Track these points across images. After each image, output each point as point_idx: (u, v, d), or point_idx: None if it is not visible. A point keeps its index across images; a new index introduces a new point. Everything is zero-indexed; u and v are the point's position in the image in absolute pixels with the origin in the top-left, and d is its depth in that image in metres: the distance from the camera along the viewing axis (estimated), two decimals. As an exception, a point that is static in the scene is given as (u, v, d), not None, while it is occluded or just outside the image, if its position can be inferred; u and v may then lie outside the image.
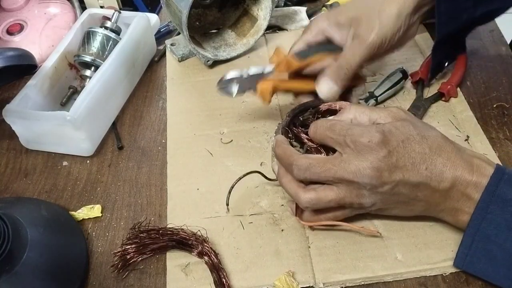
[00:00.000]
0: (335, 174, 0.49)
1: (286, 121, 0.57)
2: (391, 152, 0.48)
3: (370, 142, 0.48)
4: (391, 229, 0.56)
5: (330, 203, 0.51)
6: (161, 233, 0.56)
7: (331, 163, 0.49)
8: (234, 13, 0.83)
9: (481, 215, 0.49)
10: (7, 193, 0.65)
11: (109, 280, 0.55)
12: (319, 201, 0.51)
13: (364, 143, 0.48)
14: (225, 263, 0.54)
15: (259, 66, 0.62)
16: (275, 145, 0.54)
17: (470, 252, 0.50)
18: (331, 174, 0.49)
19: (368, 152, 0.48)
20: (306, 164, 0.50)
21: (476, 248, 0.49)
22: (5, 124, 0.66)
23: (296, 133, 0.56)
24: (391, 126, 0.50)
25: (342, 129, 0.50)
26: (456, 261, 0.52)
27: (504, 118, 0.68)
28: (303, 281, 0.53)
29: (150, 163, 0.67)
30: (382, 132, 0.49)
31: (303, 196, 0.51)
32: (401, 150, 0.49)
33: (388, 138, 0.49)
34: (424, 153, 0.49)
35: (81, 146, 0.67)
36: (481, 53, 0.79)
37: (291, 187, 0.53)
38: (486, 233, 0.49)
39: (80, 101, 0.64)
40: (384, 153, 0.48)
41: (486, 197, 0.48)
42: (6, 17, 0.85)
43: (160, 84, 0.79)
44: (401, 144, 0.49)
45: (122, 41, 0.72)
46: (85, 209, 0.61)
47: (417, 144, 0.49)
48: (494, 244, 0.48)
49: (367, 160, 0.48)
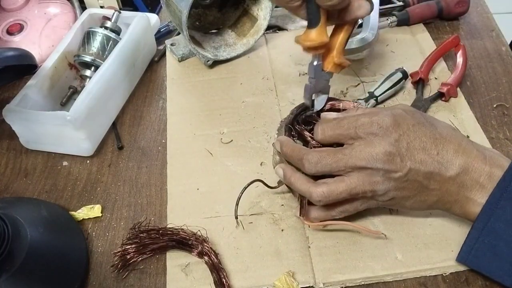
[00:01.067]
0: (347, 162, 0.48)
1: (290, 118, 0.57)
2: (402, 135, 0.48)
3: (381, 127, 0.48)
4: (391, 229, 0.56)
5: (341, 195, 0.50)
6: (161, 233, 0.56)
7: (342, 153, 0.49)
8: (234, 13, 0.83)
9: (491, 210, 0.48)
10: (7, 193, 0.65)
11: (109, 280, 0.55)
12: (331, 194, 0.50)
13: (374, 129, 0.48)
14: (225, 263, 0.54)
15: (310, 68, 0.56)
16: (281, 145, 0.54)
17: (476, 246, 0.49)
18: (343, 163, 0.49)
19: (380, 137, 0.48)
20: (317, 157, 0.49)
21: (483, 243, 0.49)
22: (5, 124, 0.66)
23: (299, 130, 0.56)
24: (401, 110, 0.50)
25: (350, 122, 0.50)
26: (460, 255, 0.51)
27: (504, 118, 0.68)
28: (303, 281, 0.53)
29: (150, 163, 0.67)
30: (392, 115, 0.49)
31: (315, 190, 0.50)
32: (412, 134, 0.49)
33: (398, 122, 0.49)
34: (435, 138, 0.49)
35: (81, 146, 0.67)
36: (481, 53, 0.79)
37: (302, 183, 0.52)
38: (494, 228, 0.48)
39: (80, 101, 0.64)
40: (395, 137, 0.48)
41: (497, 192, 0.48)
42: (6, 17, 0.85)
43: (160, 84, 0.79)
44: (411, 128, 0.49)
45: (122, 41, 0.72)
46: (85, 209, 0.61)
47: (428, 129, 0.49)
48: (501, 240, 0.48)
49: (379, 145, 0.48)
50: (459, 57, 0.74)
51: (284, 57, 0.79)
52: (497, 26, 0.84)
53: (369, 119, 0.49)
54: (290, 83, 0.75)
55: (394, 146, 0.48)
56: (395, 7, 0.85)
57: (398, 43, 0.80)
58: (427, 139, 0.49)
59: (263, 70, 0.78)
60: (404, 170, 0.48)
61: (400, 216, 0.57)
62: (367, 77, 0.75)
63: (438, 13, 0.83)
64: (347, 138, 0.50)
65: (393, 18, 0.82)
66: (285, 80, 0.76)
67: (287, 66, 0.78)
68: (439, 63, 0.76)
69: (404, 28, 0.83)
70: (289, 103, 0.72)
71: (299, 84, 0.75)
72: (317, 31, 0.52)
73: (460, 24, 0.84)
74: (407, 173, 0.49)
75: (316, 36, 0.52)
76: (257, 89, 0.75)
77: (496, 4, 1.13)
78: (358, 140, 0.49)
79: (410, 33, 0.82)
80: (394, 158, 0.48)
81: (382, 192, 0.50)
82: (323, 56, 0.56)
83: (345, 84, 0.74)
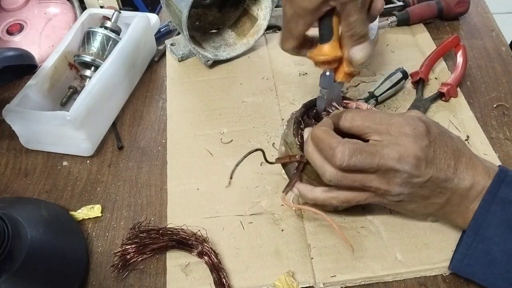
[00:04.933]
0: (379, 161, 0.47)
1: (301, 111, 0.57)
2: (431, 142, 0.48)
3: (415, 131, 0.48)
4: (391, 229, 0.56)
5: (356, 183, 0.48)
6: (161, 233, 0.56)
7: (375, 149, 0.47)
8: (234, 13, 0.83)
9: (482, 216, 0.49)
10: (7, 193, 0.65)
11: (109, 280, 0.55)
12: (345, 178, 0.48)
13: (408, 132, 0.47)
14: (225, 263, 0.54)
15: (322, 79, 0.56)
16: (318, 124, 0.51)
17: (469, 253, 0.50)
18: (375, 161, 0.47)
19: (412, 139, 0.47)
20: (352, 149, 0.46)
21: (476, 249, 0.49)
22: (5, 124, 0.66)
23: (310, 124, 0.55)
24: (426, 118, 0.50)
25: (383, 117, 0.49)
26: (452, 264, 0.51)
27: (504, 118, 0.68)
28: (303, 281, 0.53)
29: (150, 163, 0.67)
30: (423, 121, 0.49)
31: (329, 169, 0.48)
32: (438, 142, 0.49)
33: (429, 129, 0.48)
34: (454, 149, 0.49)
35: (81, 146, 0.67)
36: (481, 53, 0.79)
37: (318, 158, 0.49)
38: (486, 234, 0.49)
39: (80, 101, 0.64)
40: (426, 142, 0.48)
41: (488, 198, 0.48)
42: (6, 17, 0.85)
43: (160, 84, 0.79)
44: (438, 136, 0.49)
45: (122, 41, 0.72)
46: (85, 209, 0.61)
47: (449, 140, 0.49)
48: (493, 245, 0.48)
49: (411, 147, 0.47)
50: (459, 57, 0.74)
51: (284, 57, 0.79)
52: (497, 26, 0.84)
53: (403, 119, 0.48)
54: (290, 83, 0.75)
55: (424, 151, 0.47)
56: (395, 7, 0.85)
57: (398, 43, 0.80)
58: (449, 150, 0.49)
59: (263, 70, 0.78)
60: (426, 176, 0.48)
61: (400, 216, 0.57)
62: (367, 77, 0.75)
63: (438, 13, 0.83)
64: (375, 132, 0.48)
65: (393, 18, 0.82)
66: (285, 80, 0.76)
67: (287, 66, 0.78)
68: (439, 63, 0.76)
69: (404, 28, 0.83)
70: (289, 103, 0.72)
71: (299, 84, 0.75)
72: (330, 46, 0.52)
73: (460, 24, 0.84)
74: (428, 180, 0.48)
75: (329, 51, 0.52)
76: (257, 89, 0.75)
77: (496, 4, 1.14)
78: (388, 138, 0.48)
79: (410, 33, 0.82)
80: (421, 163, 0.47)
81: (396, 193, 0.49)
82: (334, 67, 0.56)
83: (345, 84, 0.74)
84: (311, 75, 0.76)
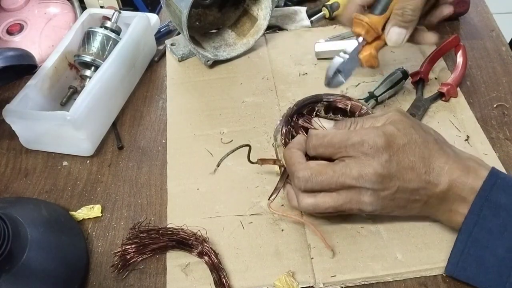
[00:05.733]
0: (337, 180, 0.49)
1: (292, 110, 0.57)
2: (392, 156, 0.49)
3: (372, 148, 0.49)
4: (391, 229, 0.56)
5: (328, 210, 0.51)
6: (161, 233, 0.56)
7: (333, 170, 0.50)
8: (234, 13, 0.83)
9: (474, 220, 0.49)
10: (7, 193, 0.65)
11: (109, 280, 0.55)
12: (317, 207, 0.51)
13: (365, 149, 0.49)
14: (225, 263, 0.54)
15: (349, 41, 0.59)
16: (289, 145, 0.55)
17: (462, 258, 0.50)
18: (333, 181, 0.49)
19: (370, 157, 0.49)
20: (308, 174, 0.50)
21: (468, 254, 0.49)
22: (5, 124, 0.66)
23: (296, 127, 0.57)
24: (393, 128, 0.50)
25: (341, 141, 0.51)
26: (447, 268, 0.51)
27: (504, 118, 0.68)
28: (303, 281, 0.53)
29: (150, 163, 0.67)
30: (383, 135, 0.49)
31: (302, 200, 0.52)
32: (401, 154, 0.49)
33: (390, 142, 0.49)
34: (423, 157, 0.49)
35: (81, 146, 0.67)
36: (481, 53, 0.79)
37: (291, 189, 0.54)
38: (478, 238, 0.49)
39: (80, 101, 0.64)
40: (386, 157, 0.48)
41: (478, 202, 0.49)
42: (6, 17, 0.85)
43: (160, 84, 0.79)
44: (401, 148, 0.49)
45: (122, 41, 0.72)
46: (85, 209, 0.61)
47: (418, 147, 0.50)
48: (485, 249, 0.48)
49: (369, 165, 0.48)
50: (459, 57, 0.74)
51: (284, 57, 0.79)
52: (497, 26, 0.84)
53: (360, 138, 0.49)
54: (290, 83, 0.75)
55: (385, 167, 0.48)
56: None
57: (398, 43, 0.80)
58: (417, 159, 0.49)
59: (263, 70, 0.78)
60: (393, 189, 0.49)
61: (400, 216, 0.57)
62: (367, 77, 0.75)
63: (438, 13, 0.82)
64: (339, 155, 0.51)
65: (393, 18, 0.82)
66: (285, 80, 0.76)
67: (287, 66, 0.78)
68: (439, 63, 0.76)
69: (404, 28, 0.83)
70: (289, 103, 0.72)
71: (299, 84, 0.75)
72: (378, 18, 0.56)
73: (460, 24, 0.84)
74: (395, 192, 0.50)
75: (376, 21, 0.56)
76: (257, 89, 0.75)
77: (496, 4, 1.14)
78: (348, 158, 0.50)
79: (410, 33, 0.82)
80: (384, 179, 0.49)
81: (368, 209, 0.51)
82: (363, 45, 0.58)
83: (345, 84, 0.73)
84: (311, 75, 0.76)
